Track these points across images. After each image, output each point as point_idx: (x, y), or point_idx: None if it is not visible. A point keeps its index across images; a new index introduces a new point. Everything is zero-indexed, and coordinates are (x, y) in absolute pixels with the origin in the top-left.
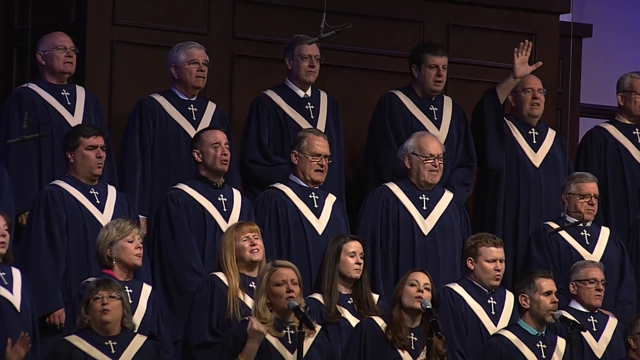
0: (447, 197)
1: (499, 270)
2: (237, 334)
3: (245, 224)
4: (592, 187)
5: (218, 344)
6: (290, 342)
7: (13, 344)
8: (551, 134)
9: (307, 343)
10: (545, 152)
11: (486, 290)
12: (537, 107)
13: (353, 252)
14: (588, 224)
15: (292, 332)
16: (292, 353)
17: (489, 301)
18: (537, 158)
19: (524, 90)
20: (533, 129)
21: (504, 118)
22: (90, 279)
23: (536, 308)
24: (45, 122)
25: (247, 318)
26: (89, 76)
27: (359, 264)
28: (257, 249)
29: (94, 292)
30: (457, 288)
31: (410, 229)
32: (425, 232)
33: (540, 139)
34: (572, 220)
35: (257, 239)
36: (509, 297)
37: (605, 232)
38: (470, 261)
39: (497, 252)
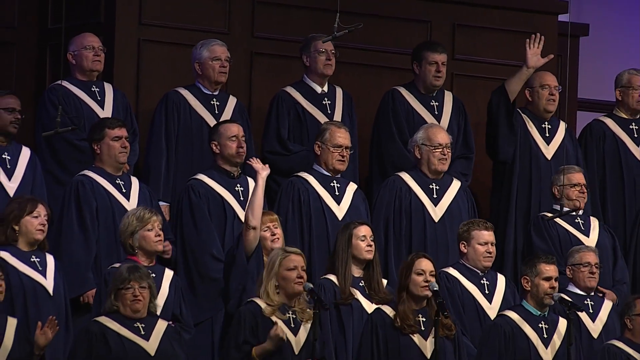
0: (456, 185)
1: (490, 253)
2: (246, 315)
3: (265, 214)
4: (579, 177)
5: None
6: (292, 325)
7: (42, 327)
8: (562, 127)
9: (306, 327)
10: (557, 145)
11: (479, 272)
12: (552, 103)
13: (363, 235)
14: (580, 212)
15: (294, 316)
16: (295, 336)
17: (482, 282)
18: (549, 150)
19: (541, 86)
20: (546, 123)
21: (519, 111)
22: (117, 265)
23: (535, 291)
24: (77, 116)
25: (275, 322)
26: (118, 73)
27: (370, 245)
28: (277, 238)
29: (126, 282)
30: (452, 271)
31: (422, 216)
32: (436, 219)
33: (553, 132)
34: (566, 208)
35: (276, 227)
36: (500, 278)
37: (595, 221)
38: (463, 245)
39: (489, 235)
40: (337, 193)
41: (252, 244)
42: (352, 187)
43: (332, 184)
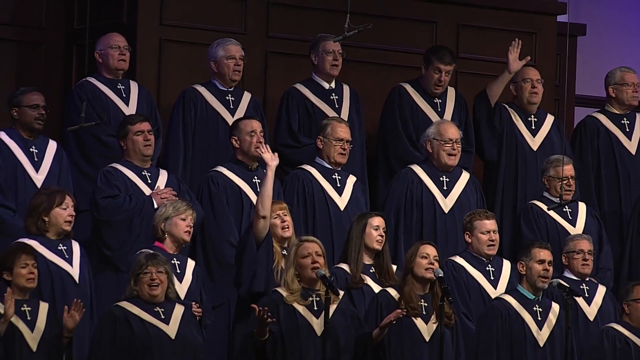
0: (465, 177)
1: (493, 240)
2: (266, 304)
3: (275, 202)
4: (568, 169)
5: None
6: (315, 308)
7: (69, 311)
8: (549, 120)
9: (331, 308)
10: (543, 137)
11: (484, 259)
12: (535, 95)
13: (377, 225)
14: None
15: (318, 299)
16: (317, 318)
17: (487, 268)
18: (535, 142)
19: (523, 80)
20: (532, 116)
21: (506, 105)
22: (145, 251)
23: (530, 274)
24: (101, 112)
25: (252, 306)
26: (140, 71)
27: (382, 236)
28: (287, 226)
29: (143, 267)
30: (458, 259)
31: (432, 207)
32: (446, 210)
33: (539, 124)
34: (557, 201)
35: (286, 215)
36: (506, 264)
37: (582, 207)
38: (467, 235)
39: (490, 224)
40: (338, 185)
41: (262, 233)
42: (352, 179)
43: (333, 176)
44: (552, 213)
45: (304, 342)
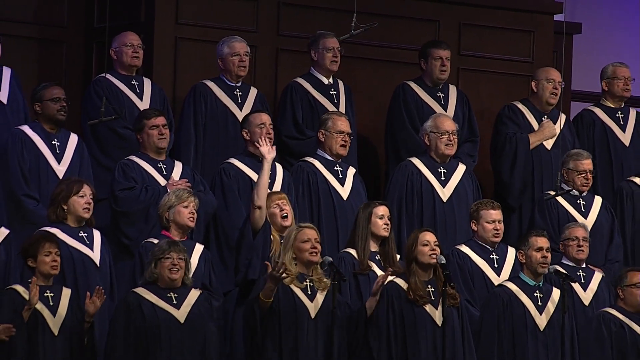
0: (461, 168)
1: (497, 230)
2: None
3: (275, 193)
4: (587, 163)
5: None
6: (309, 292)
7: (90, 297)
8: (562, 119)
9: (322, 295)
10: (557, 135)
11: (489, 247)
12: (554, 97)
13: (382, 214)
14: (584, 194)
15: (311, 284)
16: (311, 301)
17: (491, 256)
18: (549, 141)
19: (547, 80)
20: (545, 117)
21: (519, 102)
22: (151, 239)
23: (529, 262)
24: (119, 106)
25: (266, 263)
26: (157, 67)
27: (387, 224)
28: (286, 214)
29: (166, 252)
30: (464, 248)
31: (431, 196)
32: (444, 199)
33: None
34: (566, 188)
35: (285, 205)
36: (510, 251)
37: (598, 201)
38: (473, 223)
39: (496, 214)
40: (340, 176)
41: (258, 222)
42: (351, 171)
43: (335, 168)
44: (565, 205)
45: (300, 322)
